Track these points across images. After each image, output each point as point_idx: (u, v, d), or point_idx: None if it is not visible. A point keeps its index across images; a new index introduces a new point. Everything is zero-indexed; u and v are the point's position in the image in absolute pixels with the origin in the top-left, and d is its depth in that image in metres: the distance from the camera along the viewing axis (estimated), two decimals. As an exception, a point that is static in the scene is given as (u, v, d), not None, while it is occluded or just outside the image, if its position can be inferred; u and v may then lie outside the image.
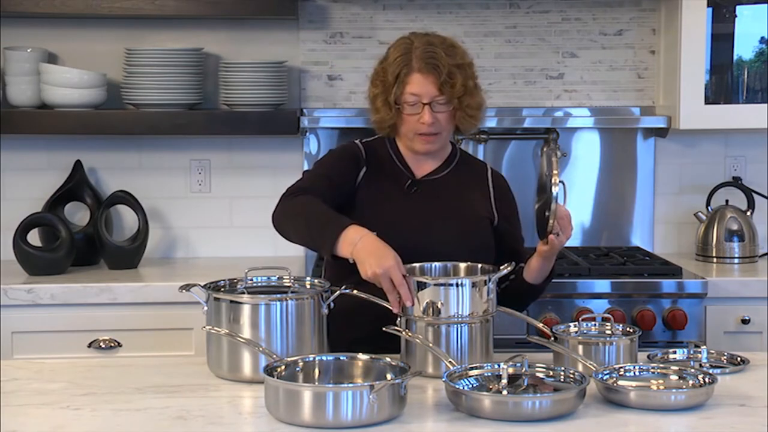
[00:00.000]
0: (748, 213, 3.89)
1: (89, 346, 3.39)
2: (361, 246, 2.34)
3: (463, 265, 2.50)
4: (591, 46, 3.98)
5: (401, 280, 2.30)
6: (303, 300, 2.31)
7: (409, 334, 2.30)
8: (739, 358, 2.42)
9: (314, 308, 2.33)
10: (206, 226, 3.94)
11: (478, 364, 2.18)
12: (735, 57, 3.82)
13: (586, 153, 4.00)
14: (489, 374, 2.14)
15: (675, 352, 2.46)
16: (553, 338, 2.36)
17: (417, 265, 2.46)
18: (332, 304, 2.36)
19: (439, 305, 2.29)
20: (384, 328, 2.33)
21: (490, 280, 2.35)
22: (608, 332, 2.43)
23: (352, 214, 2.53)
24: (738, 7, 3.80)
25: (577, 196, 4.00)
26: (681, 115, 3.73)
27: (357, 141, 2.75)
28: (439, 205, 2.66)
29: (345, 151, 2.73)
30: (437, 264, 2.49)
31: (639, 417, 2.02)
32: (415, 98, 2.58)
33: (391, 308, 2.36)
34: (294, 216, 2.51)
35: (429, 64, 2.56)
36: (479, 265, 2.47)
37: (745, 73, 3.83)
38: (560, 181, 2.37)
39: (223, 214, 3.94)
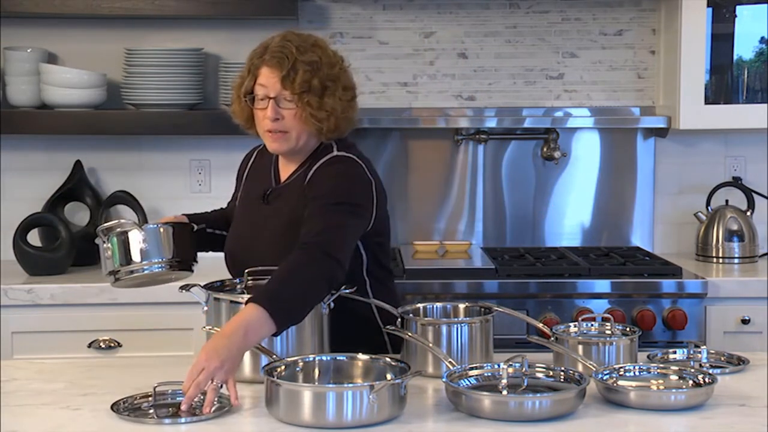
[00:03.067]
0: (748, 213, 3.89)
1: (89, 346, 3.39)
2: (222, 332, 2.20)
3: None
4: (591, 46, 3.98)
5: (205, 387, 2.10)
6: (303, 300, 2.31)
7: (409, 334, 2.30)
8: (738, 358, 2.42)
9: (314, 308, 2.32)
10: (206, 226, 3.94)
11: (478, 364, 2.18)
12: (735, 57, 3.82)
13: (586, 153, 4.00)
14: (489, 374, 2.14)
15: (675, 352, 2.46)
16: (553, 338, 2.36)
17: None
18: (332, 304, 2.36)
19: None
20: (384, 328, 2.33)
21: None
22: (608, 332, 2.43)
23: None
24: (738, 7, 3.80)
25: (577, 196, 4.00)
26: (681, 115, 3.73)
27: (258, 147, 2.71)
28: (281, 215, 2.51)
29: (237, 170, 2.76)
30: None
31: (639, 417, 2.02)
32: (263, 92, 2.47)
33: (390, 310, 2.39)
34: None
35: (275, 57, 2.45)
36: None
37: (745, 73, 3.83)
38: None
39: (223, 214, 3.94)
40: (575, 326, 2.44)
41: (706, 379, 2.13)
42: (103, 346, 3.39)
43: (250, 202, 2.61)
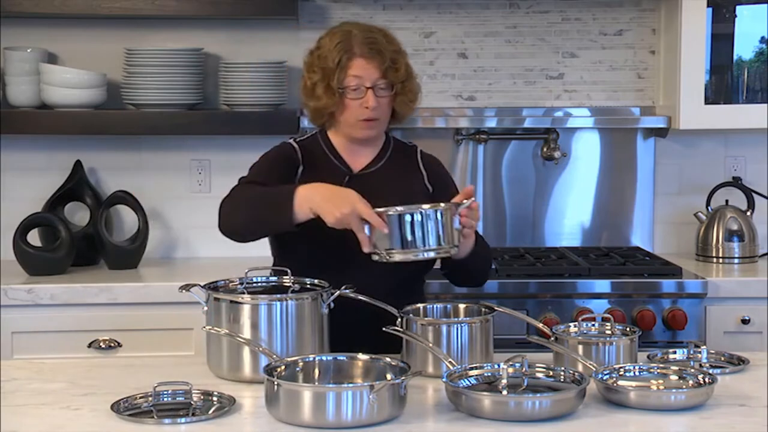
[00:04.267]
0: (748, 213, 3.89)
1: (89, 346, 3.39)
2: (318, 197, 2.39)
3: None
4: (591, 46, 3.98)
5: (370, 211, 2.32)
6: (303, 300, 2.31)
7: (409, 334, 2.30)
8: (739, 358, 2.42)
9: (314, 308, 2.33)
10: (206, 226, 3.91)
11: (478, 364, 2.19)
12: (735, 57, 3.83)
13: (586, 153, 4.00)
14: (489, 374, 2.14)
15: (675, 352, 2.46)
16: (553, 338, 2.36)
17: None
18: (332, 304, 2.36)
19: (408, 237, 2.30)
20: (384, 328, 2.33)
21: (457, 208, 2.38)
22: (608, 332, 2.43)
23: None
24: (738, 7, 3.80)
25: (577, 196, 4.00)
26: (681, 115, 3.73)
27: (291, 140, 2.73)
28: (379, 199, 2.51)
29: (280, 153, 2.71)
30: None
31: (639, 417, 2.02)
32: (357, 82, 2.57)
33: (391, 310, 2.39)
34: (241, 202, 2.53)
35: (372, 50, 2.58)
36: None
37: (745, 73, 3.83)
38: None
39: (223, 214, 3.94)
40: (575, 326, 2.44)
41: (706, 379, 2.13)
42: (103, 346, 3.39)
43: None
